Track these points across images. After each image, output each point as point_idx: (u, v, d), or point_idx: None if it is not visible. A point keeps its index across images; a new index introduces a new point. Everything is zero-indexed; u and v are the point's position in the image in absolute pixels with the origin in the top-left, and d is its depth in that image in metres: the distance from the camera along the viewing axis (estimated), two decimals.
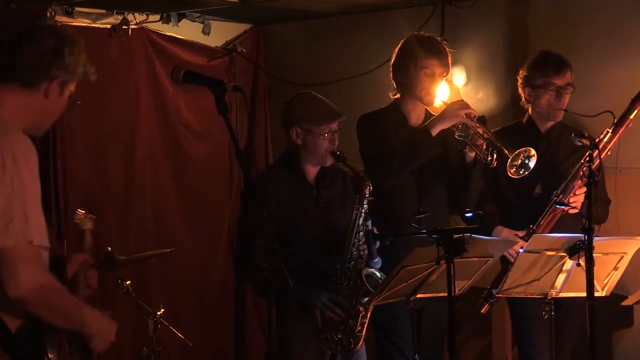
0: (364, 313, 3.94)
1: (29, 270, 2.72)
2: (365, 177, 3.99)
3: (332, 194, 4.15)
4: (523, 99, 4.63)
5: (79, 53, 2.98)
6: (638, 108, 4.34)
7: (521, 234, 4.37)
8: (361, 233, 3.99)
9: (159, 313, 5.01)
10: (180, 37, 6.28)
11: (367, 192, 3.98)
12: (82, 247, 3.50)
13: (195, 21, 6.24)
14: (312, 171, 4.13)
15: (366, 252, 4.00)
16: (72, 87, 3.00)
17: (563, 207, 4.30)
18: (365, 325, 3.97)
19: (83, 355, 3.00)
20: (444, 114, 4.25)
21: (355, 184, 4.06)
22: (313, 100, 4.10)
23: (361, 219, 3.98)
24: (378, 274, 3.94)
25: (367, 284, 3.88)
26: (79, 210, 3.81)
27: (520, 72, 4.62)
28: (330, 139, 4.02)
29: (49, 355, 2.84)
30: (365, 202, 3.98)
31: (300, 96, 4.16)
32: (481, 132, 4.16)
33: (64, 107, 3.02)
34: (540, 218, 4.37)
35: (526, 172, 4.10)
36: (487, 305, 4.38)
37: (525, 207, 4.52)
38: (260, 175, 4.29)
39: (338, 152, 4.01)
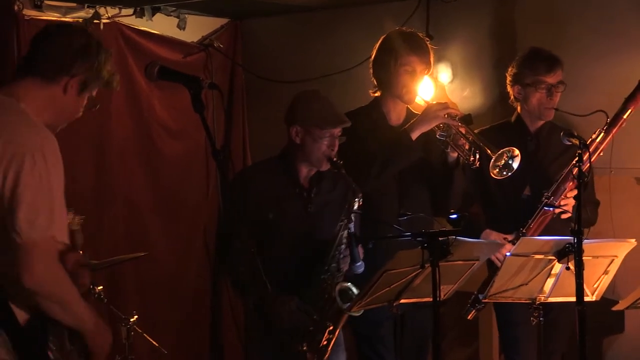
0: (332, 328, 3.94)
1: (48, 263, 2.85)
2: (357, 188, 3.97)
3: (326, 201, 4.13)
4: (512, 97, 4.63)
5: (106, 59, 3.11)
6: (631, 107, 4.35)
7: (510, 237, 4.39)
8: (343, 246, 3.98)
9: (132, 320, 5.00)
10: (155, 31, 6.27)
11: (356, 205, 3.97)
12: (74, 247, 3.57)
13: (170, 15, 6.23)
14: (306, 173, 4.11)
15: (346, 268, 4.00)
16: (93, 91, 3.12)
17: (552, 209, 4.32)
18: (332, 342, 3.97)
19: (82, 356, 3.09)
20: (423, 117, 4.25)
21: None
22: (319, 101, 4.08)
23: (345, 231, 3.97)
24: (354, 290, 3.94)
25: (338, 299, 3.88)
26: None
27: (510, 69, 4.63)
28: (329, 143, 4.00)
29: (51, 351, 2.95)
30: (352, 216, 3.97)
31: (307, 94, 4.15)
32: (463, 132, 4.16)
33: (81, 109, 3.13)
34: (530, 221, 4.37)
35: (509, 173, 4.11)
36: (474, 311, 4.40)
37: (513, 209, 4.53)
38: (246, 170, 4.25)
39: (334, 159, 4.00)
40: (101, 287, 4.90)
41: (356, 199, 3.96)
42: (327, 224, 4.07)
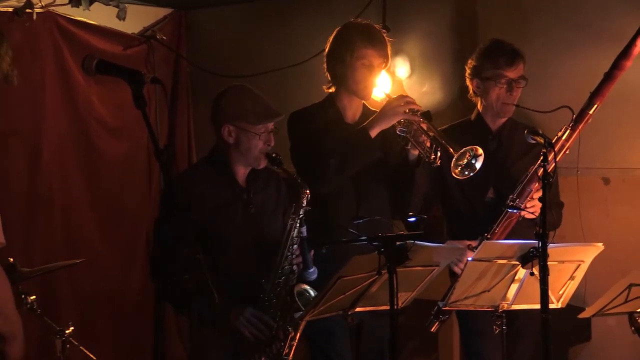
0: (293, 334, 3.94)
1: None
2: (302, 184, 3.98)
3: (264, 199, 4.14)
4: (471, 91, 4.65)
5: (6, 50, 3.05)
6: (598, 102, 4.38)
7: (475, 244, 4.39)
8: (295, 245, 3.98)
9: (67, 331, 4.94)
10: (92, 22, 6.22)
11: (305, 201, 3.97)
12: None
13: (109, 4, 6.18)
14: (242, 172, 4.10)
15: (300, 266, 4.01)
16: None
17: (516, 211, 4.34)
18: (293, 348, 3.96)
19: None
20: (383, 113, 4.23)
21: (292, 189, 4.05)
22: (249, 96, 4.06)
23: (296, 230, 3.97)
24: (312, 292, 3.94)
25: (298, 301, 3.88)
26: None
27: (469, 61, 4.64)
28: (266, 139, 4.00)
29: None
30: (301, 212, 3.98)
31: (235, 90, 4.11)
32: (425, 128, 4.15)
33: None
34: (495, 225, 4.38)
35: (472, 173, 4.10)
36: (437, 322, 4.39)
37: (477, 213, 4.53)
38: (183, 174, 4.24)
39: (274, 155, 3.99)
40: (34, 296, 4.84)
41: (304, 195, 3.97)
42: (269, 223, 4.09)
